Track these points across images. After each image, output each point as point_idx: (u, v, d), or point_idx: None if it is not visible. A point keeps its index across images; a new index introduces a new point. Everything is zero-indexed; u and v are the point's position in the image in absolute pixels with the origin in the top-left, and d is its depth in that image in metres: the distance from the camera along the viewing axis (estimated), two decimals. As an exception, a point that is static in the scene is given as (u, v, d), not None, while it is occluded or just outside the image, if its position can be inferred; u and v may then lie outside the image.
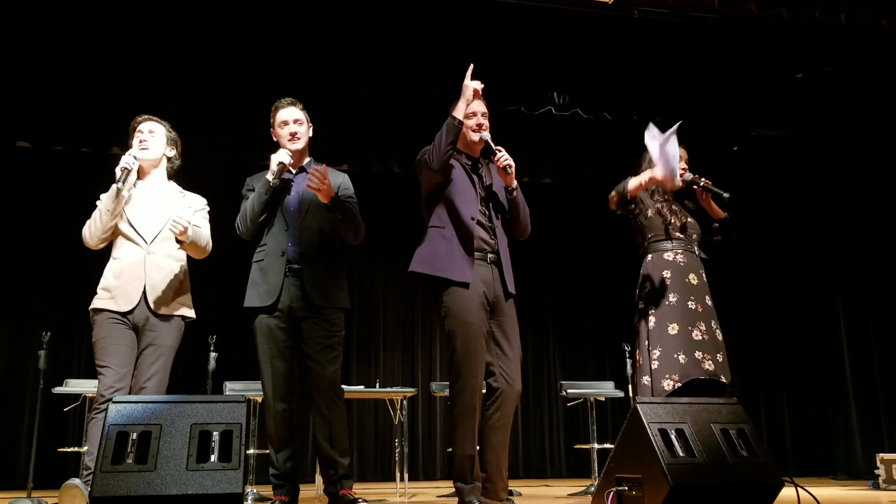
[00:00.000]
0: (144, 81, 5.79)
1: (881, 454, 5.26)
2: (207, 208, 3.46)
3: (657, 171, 3.29)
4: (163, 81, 5.74)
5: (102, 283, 3.19)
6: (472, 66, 3.11)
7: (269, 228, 3.31)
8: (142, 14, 5.49)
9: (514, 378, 3.15)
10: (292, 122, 3.38)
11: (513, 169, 3.17)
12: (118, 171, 3.11)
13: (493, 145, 3.21)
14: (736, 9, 5.05)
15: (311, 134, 3.48)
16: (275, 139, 3.44)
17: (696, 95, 6.54)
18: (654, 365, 3.32)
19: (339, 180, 3.42)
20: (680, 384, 3.26)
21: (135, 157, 3.18)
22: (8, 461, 6.10)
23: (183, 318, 3.26)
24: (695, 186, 3.56)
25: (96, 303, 3.16)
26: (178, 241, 3.23)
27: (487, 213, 3.26)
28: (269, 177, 3.25)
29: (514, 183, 3.26)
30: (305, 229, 3.29)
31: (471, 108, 3.24)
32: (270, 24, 5.73)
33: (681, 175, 3.55)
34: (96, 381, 3.09)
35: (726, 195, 3.45)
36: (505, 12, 5.68)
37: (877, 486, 5.11)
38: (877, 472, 5.16)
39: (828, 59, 6.34)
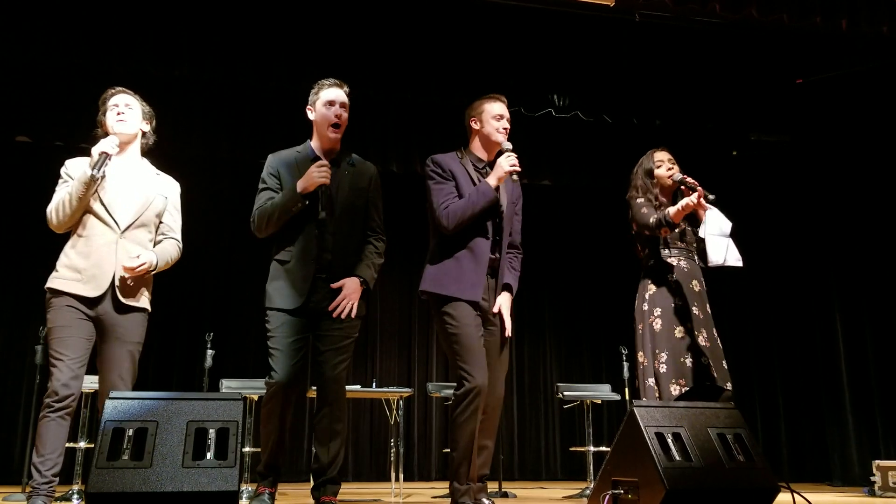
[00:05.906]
0: (145, 78, 5.77)
1: (877, 461, 5.25)
2: (179, 191, 3.23)
3: (693, 200, 3.37)
4: (163, 78, 5.73)
5: (65, 260, 2.95)
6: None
7: (295, 228, 3.15)
8: (143, 10, 5.48)
9: (493, 384, 3.18)
10: (339, 106, 3.21)
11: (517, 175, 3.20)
12: (96, 154, 2.87)
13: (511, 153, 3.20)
14: (737, 13, 5.05)
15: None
16: (311, 117, 3.27)
17: (695, 99, 6.55)
18: (662, 369, 3.32)
19: (367, 179, 3.31)
20: (687, 388, 3.26)
21: (116, 143, 2.96)
22: (3, 456, 6.09)
23: (145, 310, 3.05)
24: (682, 186, 3.57)
25: (57, 283, 2.90)
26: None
27: (495, 225, 3.27)
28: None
29: None
30: (337, 233, 3.18)
31: (499, 110, 3.32)
32: (271, 23, 5.72)
33: (669, 174, 3.58)
34: (86, 377, 2.92)
35: (711, 196, 3.47)
36: (505, 14, 5.68)
37: (872, 493, 5.11)
38: (872, 478, 5.15)
39: (828, 65, 6.35)
